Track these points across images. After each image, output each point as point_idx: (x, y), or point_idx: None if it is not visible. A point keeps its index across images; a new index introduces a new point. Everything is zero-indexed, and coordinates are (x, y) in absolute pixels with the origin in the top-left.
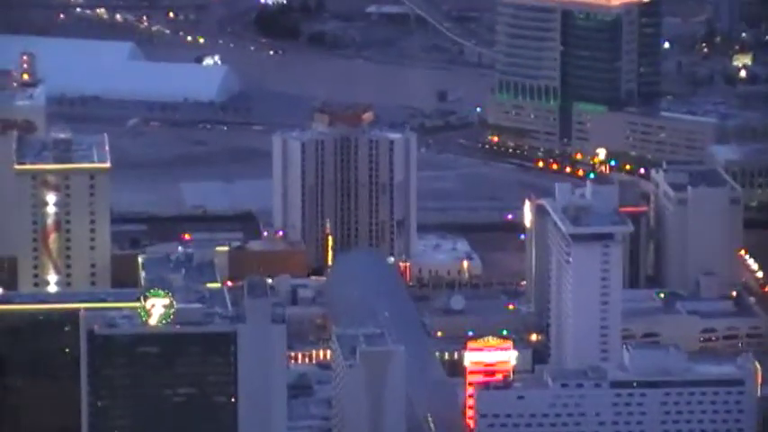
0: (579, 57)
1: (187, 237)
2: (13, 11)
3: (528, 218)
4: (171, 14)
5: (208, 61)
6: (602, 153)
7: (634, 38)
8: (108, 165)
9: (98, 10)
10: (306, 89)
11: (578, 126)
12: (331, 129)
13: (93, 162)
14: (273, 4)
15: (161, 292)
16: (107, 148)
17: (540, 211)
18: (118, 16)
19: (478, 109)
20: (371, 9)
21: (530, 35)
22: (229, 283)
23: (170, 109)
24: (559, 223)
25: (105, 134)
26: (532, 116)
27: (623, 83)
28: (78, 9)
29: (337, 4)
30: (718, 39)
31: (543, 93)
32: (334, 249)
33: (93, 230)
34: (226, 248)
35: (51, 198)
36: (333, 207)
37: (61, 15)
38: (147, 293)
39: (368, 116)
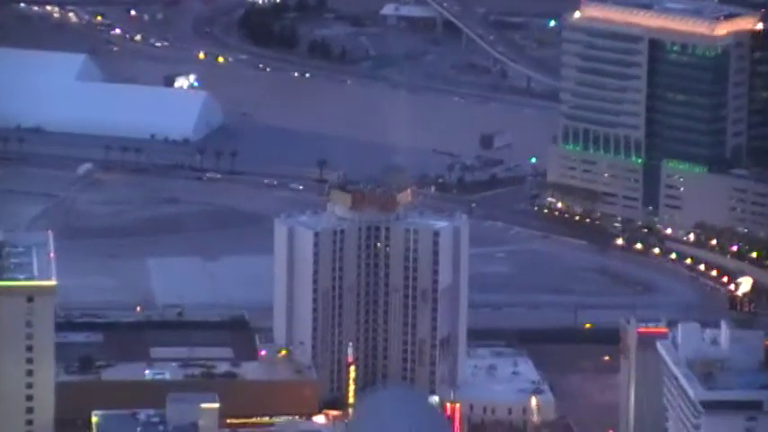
0: (671, 101)
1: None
2: None
3: (628, 349)
4: (133, 13)
5: (181, 82)
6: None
7: (744, 78)
8: (53, 282)
9: (47, 7)
10: (307, 122)
11: (668, 191)
12: (354, 213)
13: (32, 278)
14: (264, 3)
15: None
16: (51, 252)
17: (644, 343)
18: (71, 15)
19: (534, 159)
20: (388, 10)
21: (607, 70)
22: None
23: (133, 149)
24: (683, 381)
25: (50, 232)
26: (607, 175)
27: (729, 137)
28: (22, 4)
29: (343, 3)
30: None
31: (623, 145)
32: (356, 381)
33: (30, 372)
34: (215, 406)
35: None
36: (355, 320)
37: None
38: None
39: (405, 196)
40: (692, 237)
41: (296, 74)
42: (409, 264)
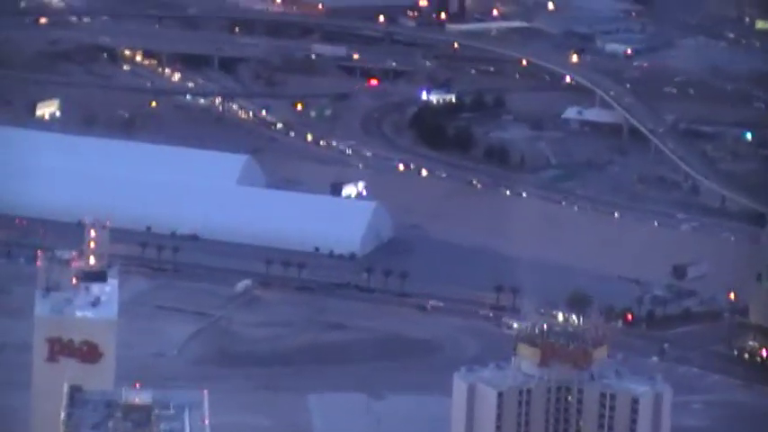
0: None
1: None
2: (81, 90)
3: None
4: (299, 107)
5: (349, 190)
6: None
7: None
8: None
9: (201, 100)
10: (482, 237)
11: None
12: (543, 369)
13: None
14: (438, 102)
15: None
16: (206, 418)
17: None
18: (235, 108)
19: (732, 295)
20: (570, 114)
21: None
22: None
23: (295, 264)
24: None
25: (205, 392)
26: None
27: None
28: (181, 96)
29: (522, 103)
30: None
31: None
32: None
33: None
34: None
35: None
36: None
37: (153, 104)
38: None
39: (600, 352)
40: None
41: (473, 181)
42: (604, 430)
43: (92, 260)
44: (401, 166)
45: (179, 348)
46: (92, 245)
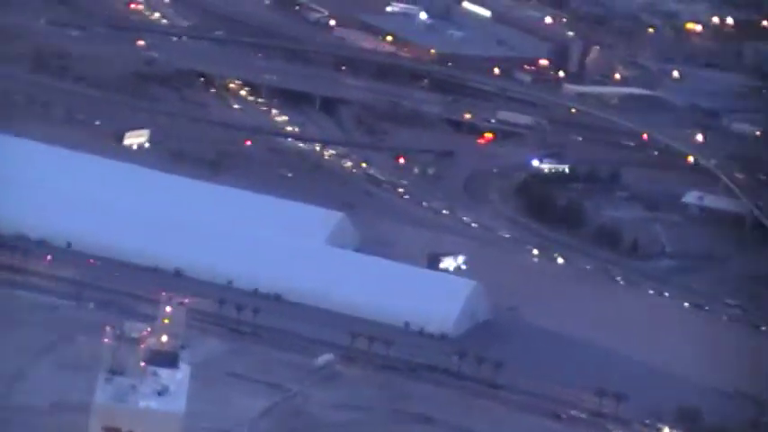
0: None
1: None
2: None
3: None
4: (401, 161)
5: (447, 263)
6: None
7: None
8: None
9: (299, 144)
10: (585, 329)
11: None
12: None
13: None
14: (549, 171)
15: None
16: None
17: None
18: (334, 157)
19: None
20: (690, 198)
21: None
22: None
23: (381, 340)
24: None
25: None
26: None
27: None
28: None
29: (639, 180)
30: None
31: None
32: None
33: None
34: None
35: None
36: None
37: (247, 142)
38: None
39: None
40: None
41: (583, 265)
42: None
43: (164, 339)
44: (504, 239)
45: (249, 426)
46: (165, 322)
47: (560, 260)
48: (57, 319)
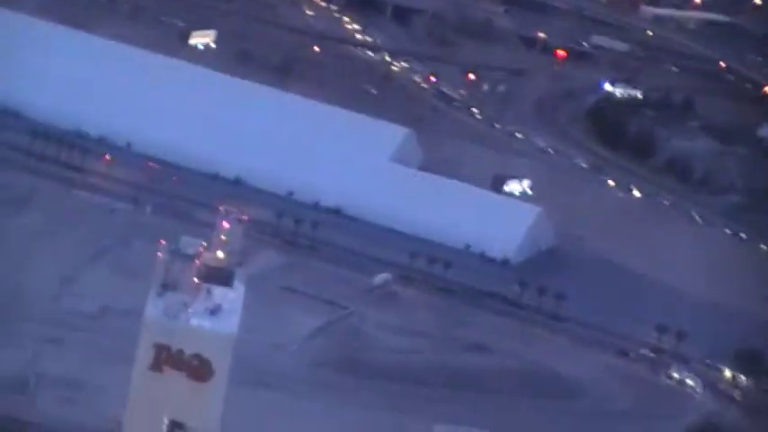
0: None
1: None
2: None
3: None
4: (471, 77)
5: (513, 187)
6: None
7: None
8: None
9: (370, 53)
10: (651, 263)
11: None
12: None
13: None
14: (621, 95)
15: None
16: None
17: None
18: (403, 68)
19: None
20: (766, 132)
21: None
22: None
23: (441, 262)
24: None
25: None
26: None
27: None
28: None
29: (713, 110)
30: None
31: None
32: None
33: None
34: None
35: None
36: None
37: (316, 48)
38: None
39: None
40: None
41: (654, 195)
42: None
43: (219, 256)
44: (571, 164)
45: (301, 342)
46: (222, 238)
47: (633, 191)
48: (112, 222)
